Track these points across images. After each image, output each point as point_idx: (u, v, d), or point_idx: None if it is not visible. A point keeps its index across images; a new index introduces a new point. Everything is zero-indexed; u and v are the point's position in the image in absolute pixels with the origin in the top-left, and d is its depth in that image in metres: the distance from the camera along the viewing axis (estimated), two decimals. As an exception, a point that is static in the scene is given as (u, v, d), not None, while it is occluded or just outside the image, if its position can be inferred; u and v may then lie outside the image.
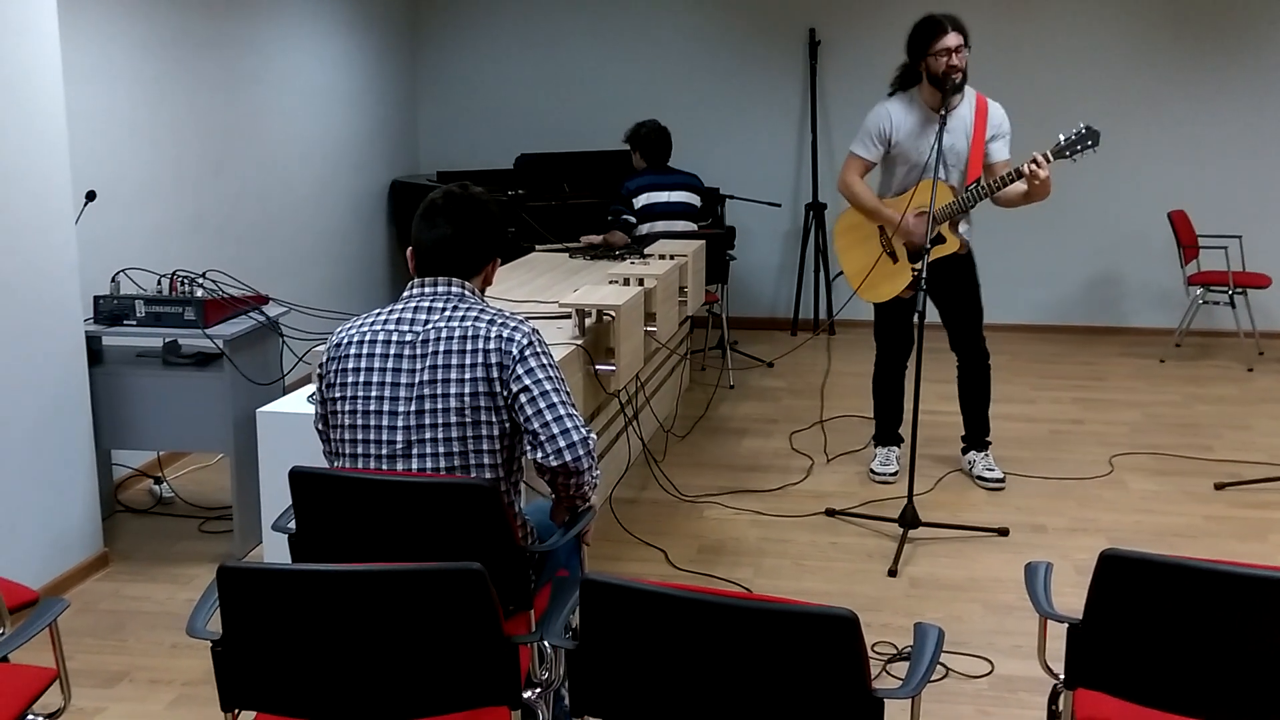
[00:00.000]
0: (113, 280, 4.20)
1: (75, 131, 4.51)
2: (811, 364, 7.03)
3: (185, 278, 4.13)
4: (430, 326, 2.49)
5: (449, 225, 2.55)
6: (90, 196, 4.35)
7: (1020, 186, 4.34)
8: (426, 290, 2.56)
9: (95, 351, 4.14)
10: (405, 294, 2.58)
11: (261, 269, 6.04)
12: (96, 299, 4.10)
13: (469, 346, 2.46)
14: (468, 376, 2.45)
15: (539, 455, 2.48)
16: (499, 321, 2.50)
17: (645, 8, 8.01)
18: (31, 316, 3.72)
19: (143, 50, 5.05)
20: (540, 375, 2.47)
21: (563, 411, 2.47)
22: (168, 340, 4.21)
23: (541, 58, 8.18)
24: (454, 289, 2.55)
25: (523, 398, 2.45)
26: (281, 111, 6.33)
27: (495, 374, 2.45)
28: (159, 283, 4.14)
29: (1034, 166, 4.16)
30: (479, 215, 2.58)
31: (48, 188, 3.78)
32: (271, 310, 4.31)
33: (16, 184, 3.64)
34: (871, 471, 4.95)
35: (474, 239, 2.58)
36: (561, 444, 2.45)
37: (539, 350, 2.50)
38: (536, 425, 2.45)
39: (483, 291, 2.65)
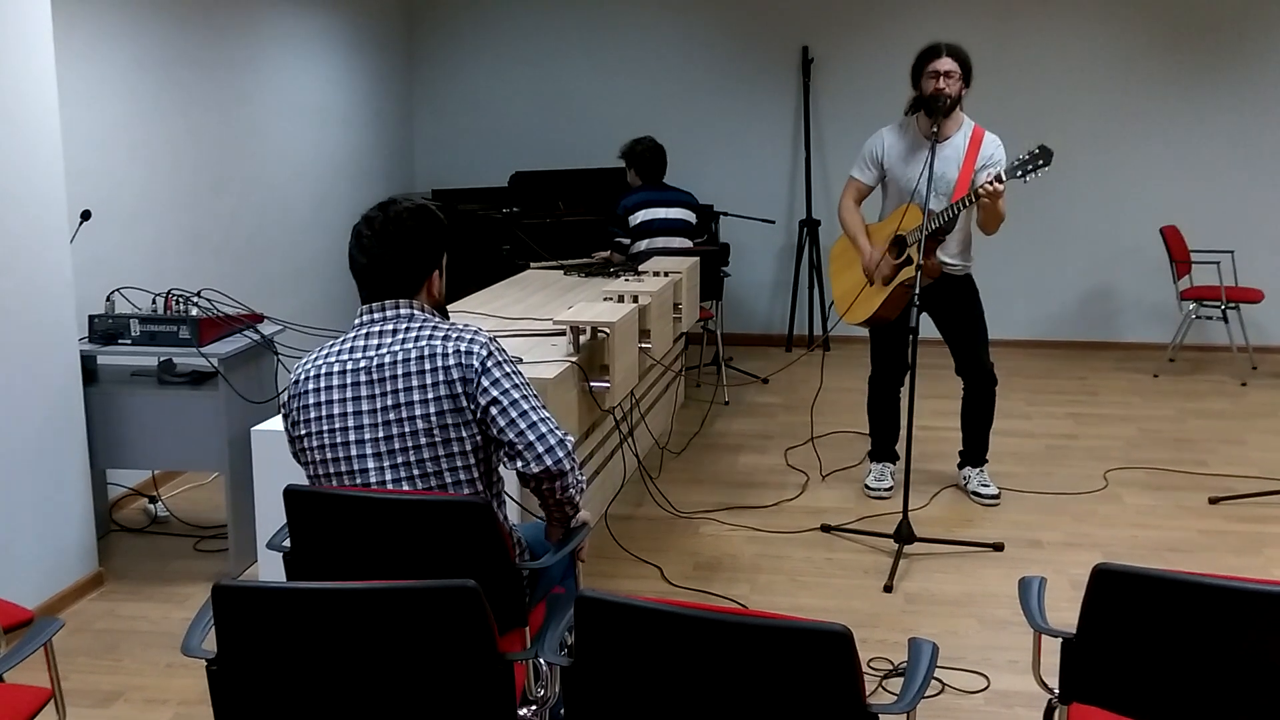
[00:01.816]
0: (107, 299, 4.20)
1: (70, 150, 4.52)
2: (806, 380, 7.04)
3: (180, 296, 4.13)
4: (385, 351, 2.46)
5: (378, 249, 2.51)
6: (85, 216, 4.36)
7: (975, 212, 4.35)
8: (375, 316, 2.51)
9: (90, 370, 4.14)
10: (355, 321, 2.54)
11: (257, 287, 6.05)
12: (91, 318, 4.10)
13: (428, 366, 2.43)
14: (431, 396, 2.42)
15: (519, 464, 2.46)
16: (454, 336, 2.47)
17: (640, 27, 8.05)
18: (26, 336, 3.72)
19: (138, 70, 5.06)
20: (506, 385, 2.44)
21: (535, 417, 2.45)
22: (162, 359, 4.21)
23: (537, 76, 8.22)
24: (402, 310, 2.51)
25: (493, 410, 2.43)
26: (277, 130, 6.34)
27: (460, 389, 2.43)
28: (154, 301, 4.14)
29: (990, 186, 4.15)
30: (405, 234, 2.52)
31: (43, 207, 3.79)
32: (266, 328, 4.32)
33: (11, 203, 3.65)
34: (866, 487, 4.95)
35: (405, 259, 2.52)
36: (540, 449, 2.44)
37: (500, 359, 2.48)
38: (512, 435, 2.44)
39: (434, 304, 2.59)
